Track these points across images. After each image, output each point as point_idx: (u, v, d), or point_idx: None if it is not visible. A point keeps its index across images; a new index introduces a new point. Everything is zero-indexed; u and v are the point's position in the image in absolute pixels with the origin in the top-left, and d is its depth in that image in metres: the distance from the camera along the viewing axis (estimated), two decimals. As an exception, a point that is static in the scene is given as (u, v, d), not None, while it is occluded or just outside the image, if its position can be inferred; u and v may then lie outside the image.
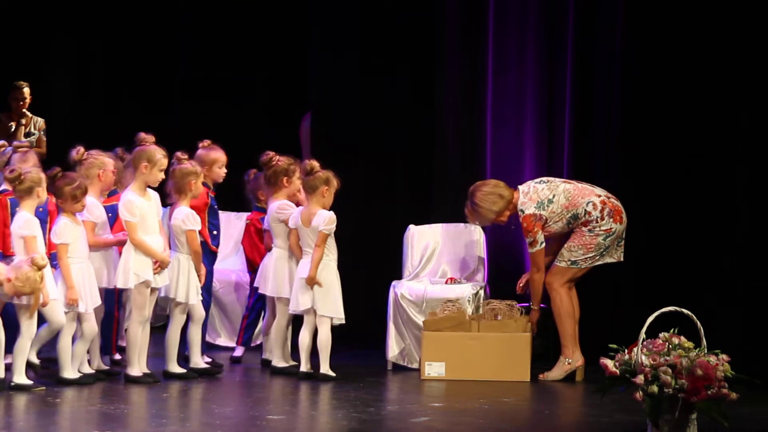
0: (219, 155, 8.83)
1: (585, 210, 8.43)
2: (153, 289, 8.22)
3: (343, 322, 8.49)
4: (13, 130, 10.86)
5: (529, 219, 8.45)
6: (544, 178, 8.68)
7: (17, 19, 11.54)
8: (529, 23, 9.53)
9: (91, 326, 8.04)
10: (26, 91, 10.98)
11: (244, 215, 9.47)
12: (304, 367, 8.45)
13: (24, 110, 10.98)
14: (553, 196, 8.47)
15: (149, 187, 8.23)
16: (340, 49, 10.16)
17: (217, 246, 8.90)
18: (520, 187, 8.61)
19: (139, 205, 8.11)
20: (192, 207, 8.44)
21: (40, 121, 11.04)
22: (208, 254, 8.71)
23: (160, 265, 8.15)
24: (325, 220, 8.37)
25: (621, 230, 8.50)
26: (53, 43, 11.71)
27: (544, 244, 8.47)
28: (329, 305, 8.41)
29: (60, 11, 11.62)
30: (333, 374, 8.37)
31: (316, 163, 8.52)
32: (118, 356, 8.75)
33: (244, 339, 9.33)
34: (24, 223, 7.80)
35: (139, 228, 8.08)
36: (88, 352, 8.23)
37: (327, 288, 8.42)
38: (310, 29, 10.42)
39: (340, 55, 10.15)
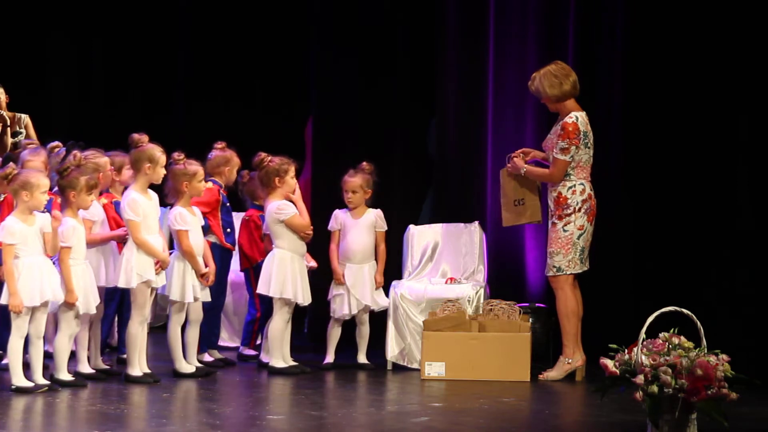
0: (235, 159, 8.99)
1: (573, 187, 8.38)
2: (153, 289, 8.23)
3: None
4: None
5: (576, 127, 8.29)
6: None
7: (17, 18, 11.55)
8: (530, 23, 9.54)
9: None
10: None
11: (240, 215, 9.44)
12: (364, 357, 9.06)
13: (2, 112, 10.49)
14: (588, 145, 8.39)
15: (149, 187, 8.25)
16: (339, 49, 10.17)
17: (232, 244, 8.94)
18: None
19: (143, 204, 8.13)
20: (203, 204, 8.56)
21: (25, 118, 10.54)
22: (223, 252, 8.81)
23: (161, 265, 8.16)
24: (382, 218, 9.00)
25: (592, 231, 8.43)
26: (53, 42, 11.72)
27: (571, 161, 8.30)
28: (381, 298, 9.03)
29: (60, 11, 11.63)
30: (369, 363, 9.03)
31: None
32: (124, 356, 8.72)
33: (244, 339, 9.33)
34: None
35: (141, 227, 8.10)
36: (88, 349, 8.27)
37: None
38: (310, 29, 10.43)
39: (340, 55, 10.16)
